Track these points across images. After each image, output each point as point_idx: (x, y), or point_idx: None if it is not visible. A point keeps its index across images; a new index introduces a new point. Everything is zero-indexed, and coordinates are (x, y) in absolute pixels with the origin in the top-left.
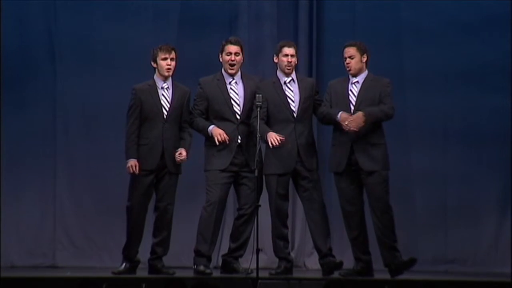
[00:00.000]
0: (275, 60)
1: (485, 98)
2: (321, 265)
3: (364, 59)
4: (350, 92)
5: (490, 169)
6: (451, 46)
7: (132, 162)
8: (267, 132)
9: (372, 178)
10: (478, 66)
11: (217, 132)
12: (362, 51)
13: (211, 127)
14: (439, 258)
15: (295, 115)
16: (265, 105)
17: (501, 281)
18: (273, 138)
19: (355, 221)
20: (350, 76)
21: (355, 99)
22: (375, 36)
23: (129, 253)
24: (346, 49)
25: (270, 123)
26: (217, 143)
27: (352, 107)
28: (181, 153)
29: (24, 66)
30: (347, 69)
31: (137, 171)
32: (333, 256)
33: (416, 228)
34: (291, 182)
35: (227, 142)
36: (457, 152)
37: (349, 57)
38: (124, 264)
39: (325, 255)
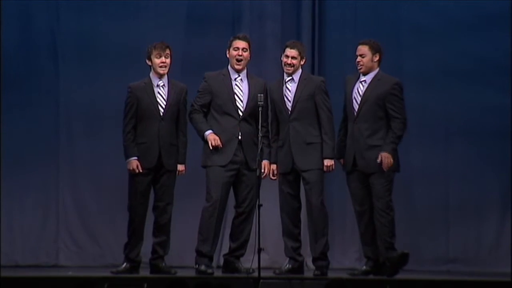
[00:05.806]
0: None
1: (485, 96)
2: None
3: (376, 58)
4: (356, 91)
5: (491, 167)
6: (451, 45)
7: (134, 162)
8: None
9: (372, 177)
10: (478, 64)
11: (212, 137)
12: (374, 50)
13: (208, 132)
14: (440, 258)
15: (289, 113)
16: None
17: (502, 281)
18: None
19: (364, 221)
20: (360, 75)
21: (359, 98)
22: (377, 35)
23: (130, 253)
24: (359, 47)
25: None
26: (211, 148)
27: (357, 106)
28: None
29: (26, 65)
30: (358, 67)
31: (141, 170)
32: (324, 260)
33: (418, 227)
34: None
35: (221, 146)
36: (458, 150)
37: (360, 55)
38: (124, 264)
39: (314, 259)
